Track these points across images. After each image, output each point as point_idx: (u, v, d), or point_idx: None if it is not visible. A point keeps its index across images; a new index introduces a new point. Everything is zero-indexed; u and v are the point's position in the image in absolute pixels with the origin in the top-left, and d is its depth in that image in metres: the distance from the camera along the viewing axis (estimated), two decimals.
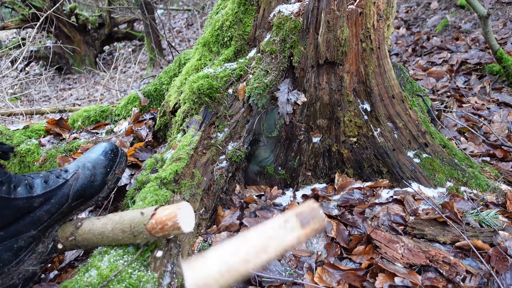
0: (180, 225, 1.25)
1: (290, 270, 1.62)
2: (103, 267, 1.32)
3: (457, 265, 1.51)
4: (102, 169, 1.66)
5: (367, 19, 1.94)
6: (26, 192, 1.35)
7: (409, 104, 2.20)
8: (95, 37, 11.60)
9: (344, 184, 2.19)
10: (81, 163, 1.64)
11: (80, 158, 1.71)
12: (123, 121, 2.73)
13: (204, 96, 2.00)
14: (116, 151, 1.77)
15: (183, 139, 1.96)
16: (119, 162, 1.76)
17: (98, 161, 1.67)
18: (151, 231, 1.29)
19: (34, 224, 1.38)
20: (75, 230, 1.45)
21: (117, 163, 1.75)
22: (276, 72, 2.04)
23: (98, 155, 1.71)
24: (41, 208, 1.40)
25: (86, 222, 1.46)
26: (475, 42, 5.17)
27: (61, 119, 2.72)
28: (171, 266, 1.45)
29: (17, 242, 1.34)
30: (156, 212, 1.30)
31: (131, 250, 1.38)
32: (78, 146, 2.36)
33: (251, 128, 2.07)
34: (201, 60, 2.29)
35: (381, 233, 1.71)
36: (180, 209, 1.27)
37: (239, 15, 2.15)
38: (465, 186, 2.11)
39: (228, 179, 2.06)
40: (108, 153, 1.73)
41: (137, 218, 1.32)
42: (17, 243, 1.34)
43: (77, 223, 1.47)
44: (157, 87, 2.82)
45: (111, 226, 1.37)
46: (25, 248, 1.37)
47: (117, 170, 1.74)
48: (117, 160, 1.75)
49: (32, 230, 1.38)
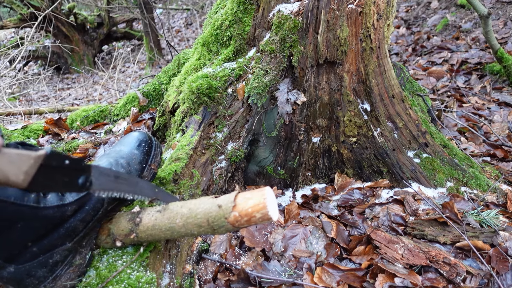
0: (270, 215, 1.11)
1: (289, 270, 1.62)
2: (102, 268, 1.31)
3: (457, 265, 1.51)
4: (137, 165, 1.52)
5: (367, 19, 1.94)
6: (57, 199, 1.18)
7: (409, 104, 2.20)
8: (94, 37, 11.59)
9: (344, 184, 2.19)
10: (113, 159, 1.48)
11: (110, 152, 1.55)
12: (121, 121, 2.73)
13: (203, 95, 2.00)
14: (150, 143, 1.63)
15: (182, 139, 1.96)
16: (154, 155, 1.62)
17: (132, 156, 1.53)
18: (235, 224, 1.15)
19: (69, 236, 1.23)
20: (134, 227, 1.32)
21: (152, 157, 1.61)
22: (276, 71, 2.04)
23: (131, 148, 1.56)
24: (75, 217, 1.24)
25: (146, 217, 1.32)
26: (476, 41, 5.17)
27: (60, 119, 2.72)
28: (170, 267, 1.45)
29: (52, 257, 1.20)
30: (236, 203, 1.15)
31: (130, 250, 1.38)
32: (77, 146, 2.35)
33: (251, 128, 2.07)
34: (200, 59, 2.29)
35: (381, 233, 1.71)
36: (267, 198, 1.12)
37: (238, 14, 2.15)
38: (466, 186, 2.11)
39: (228, 179, 2.06)
40: (142, 146, 1.59)
41: (214, 212, 1.17)
42: (52, 258, 1.20)
43: (135, 219, 1.33)
44: (156, 87, 2.82)
45: (182, 221, 1.24)
46: (61, 262, 1.23)
47: (153, 164, 1.60)
48: (152, 153, 1.61)
49: (67, 242, 1.23)
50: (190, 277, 1.52)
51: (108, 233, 1.36)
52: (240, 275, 1.56)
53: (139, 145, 1.58)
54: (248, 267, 1.61)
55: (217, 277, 1.61)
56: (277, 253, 1.71)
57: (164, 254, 1.46)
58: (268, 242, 1.76)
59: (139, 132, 1.66)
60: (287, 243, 1.76)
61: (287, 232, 1.81)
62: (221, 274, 1.62)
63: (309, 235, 1.81)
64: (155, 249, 1.43)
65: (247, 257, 1.69)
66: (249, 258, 1.68)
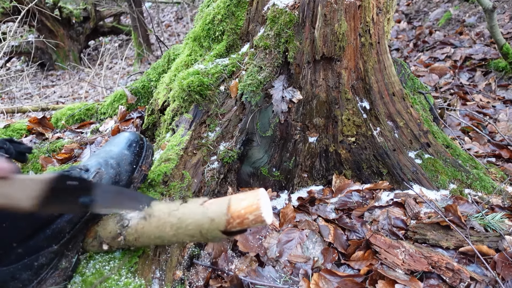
0: (264, 217, 1.09)
1: (285, 276, 1.62)
2: (88, 274, 1.31)
3: (461, 271, 1.51)
4: (127, 166, 1.52)
5: (366, 13, 1.95)
6: None
7: (410, 102, 2.21)
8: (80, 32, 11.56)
9: (342, 186, 2.19)
10: (102, 159, 1.47)
11: (99, 152, 1.55)
12: (109, 119, 2.73)
13: (194, 93, 2.00)
14: (141, 143, 1.63)
15: (172, 139, 1.96)
16: (146, 156, 1.61)
17: (123, 157, 1.52)
18: (226, 227, 1.13)
19: (56, 238, 1.24)
20: (122, 229, 1.30)
21: (143, 158, 1.60)
22: (270, 68, 2.04)
23: (122, 148, 1.55)
24: (62, 218, 1.24)
25: (134, 221, 1.30)
26: (480, 36, 5.19)
27: (44, 117, 2.71)
28: (159, 273, 1.45)
29: (37, 260, 1.20)
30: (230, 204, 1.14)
31: (118, 255, 1.38)
32: (62, 146, 2.35)
33: (244, 127, 2.07)
34: (191, 55, 2.29)
35: (381, 237, 1.72)
36: (261, 199, 1.10)
37: (231, 8, 2.15)
38: (469, 188, 2.11)
39: (220, 181, 2.06)
40: (132, 146, 1.58)
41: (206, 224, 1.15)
42: (37, 261, 1.20)
43: (123, 222, 1.32)
44: (145, 84, 2.82)
45: (172, 231, 1.22)
46: (46, 265, 1.23)
47: (144, 166, 1.59)
48: (143, 154, 1.60)
49: (54, 244, 1.23)
50: (180, 284, 1.52)
51: (95, 236, 1.36)
52: (233, 282, 1.56)
53: (130, 146, 1.58)
54: (242, 273, 1.61)
55: (209, 284, 1.60)
56: (272, 258, 1.71)
57: (153, 259, 1.46)
58: (263, 247, 1.76)
59: (130, 132, 1.65)
60: (282, 248, 1.76)
61: (282, 236, 1.81)
62: (213, 280, 1.62)
63: (306, 239, 1.81)
64: (144, 254, 1.43)
65: (240, 262, 1.69)
66: (242, 263, 1.68)
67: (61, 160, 2.25)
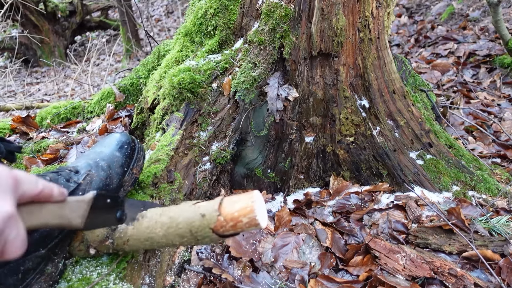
0: (258, 220, 1.08)
1: (280, 282, 1.62)
2: (74, 280, 1.30)
3: (464, 277, 1.52)
4: (118, 169, 1.52)
5: (365, 6, 1.95)
6: None
7: (411, 100, 2.21)
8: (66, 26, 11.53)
9: (340, 188, 2.19)
10: (92, 160, 1.47)
11: (89, 153, 1.54)
12: (96, 118, 2.72)
13: (185, 91, 1.99)
14: (133, 145, 1.63)
15: (162, 139, 1.96)
16: (137, 159, 1.61)
17: (114, 159, 1.52)
18: (219, 230, 1.12)
19: (43, 242, 1.23)
20: (111, 232, 1.31)
21: (135, 160, 1.60)
22: (265, 64, 2.04)
23: (113, 150, 1.55)
24: None
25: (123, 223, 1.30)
26: (484, 31, 5.20)
27: (28, 116, 2.71)
28: (149, 279, 1.45)
29: (23, 264, 1.18)
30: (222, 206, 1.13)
31: (105, 260, 1.37)
32: (47, 146, 2.34)
33: (238, 126, 2.07)
34: (183, 51, 2.29)
35: (381, 242, 1.72)
36: (255, 201, 1.09)
37: (224, 1, 2.15)
38: (473, 190, 2.12)
39: (212, 183, 2.06)
40: (124, 148, 1.58)
41: (197, 221, 1.15)
42: (23, 265, 1.18)
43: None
44: (133, 81, 2.81)
45: (162, 231, 1.21)
46: (33, 270, 1.22)
47: (135, 169, 1.60)
48: (134, 156, 1.60)
49: (41, 248, 1.23)
50: None
51: (82, 240, 1.35)
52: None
53: (121, 147, 1.58)
54: (235, 279, 1.61)
55: None
56: (267, 263, 1.71)
57: (142, 265, 1.46)
58: (257, 252, 1.76)
59: (122, 134, 1.65)
60: (277, 253, 1.76)
61: (277, 241, 1.81)
62: (205, 286, 1.61)
63: (302, 244, 1.81)
64: (133, 260, 1.43)
65: (233, 267, 1.69)
66: (236, 269, 1.68)
67: (46, 161, 2.24)
